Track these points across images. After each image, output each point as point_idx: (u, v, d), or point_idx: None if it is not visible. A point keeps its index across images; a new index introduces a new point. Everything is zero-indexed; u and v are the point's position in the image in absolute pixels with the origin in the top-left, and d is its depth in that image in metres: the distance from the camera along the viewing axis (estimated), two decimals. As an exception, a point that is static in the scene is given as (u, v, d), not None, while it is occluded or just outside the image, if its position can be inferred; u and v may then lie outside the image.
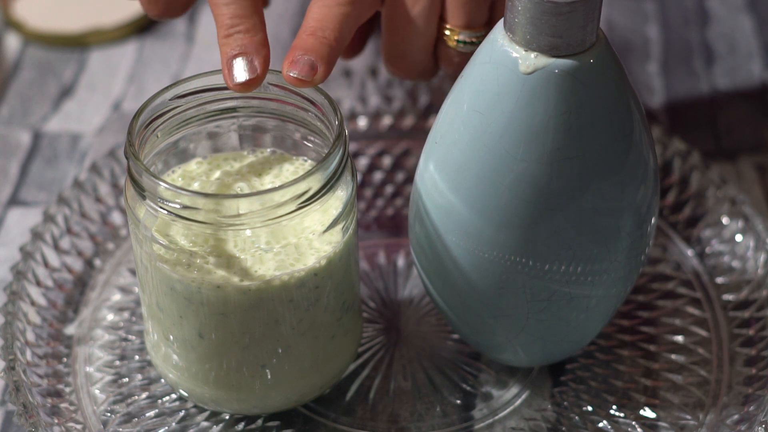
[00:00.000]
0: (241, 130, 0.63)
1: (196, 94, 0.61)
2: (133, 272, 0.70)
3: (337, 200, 0.58)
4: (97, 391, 0.65)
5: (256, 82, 0.58)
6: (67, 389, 0.64)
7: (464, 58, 0.64)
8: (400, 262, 0.72)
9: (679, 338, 0.67)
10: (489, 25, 0.64)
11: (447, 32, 0.64)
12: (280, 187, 0.55)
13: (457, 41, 0.64)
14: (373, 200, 0.76)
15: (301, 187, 0.56)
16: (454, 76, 0.65)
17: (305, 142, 0.62)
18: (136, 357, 0.66)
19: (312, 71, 0.59)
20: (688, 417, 0.63)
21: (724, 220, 0.72)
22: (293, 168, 0.62)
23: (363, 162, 0.77)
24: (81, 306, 0.69)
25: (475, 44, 0.63)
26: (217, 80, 0.61)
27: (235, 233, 0.57)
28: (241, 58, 0.58)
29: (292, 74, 0.59)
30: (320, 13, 0.60)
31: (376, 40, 0.82)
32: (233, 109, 0.62)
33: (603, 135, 0.55)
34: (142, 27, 0.89)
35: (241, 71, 0.58)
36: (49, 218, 0.71)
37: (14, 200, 0.76)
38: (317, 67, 0.59)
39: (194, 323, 0.59)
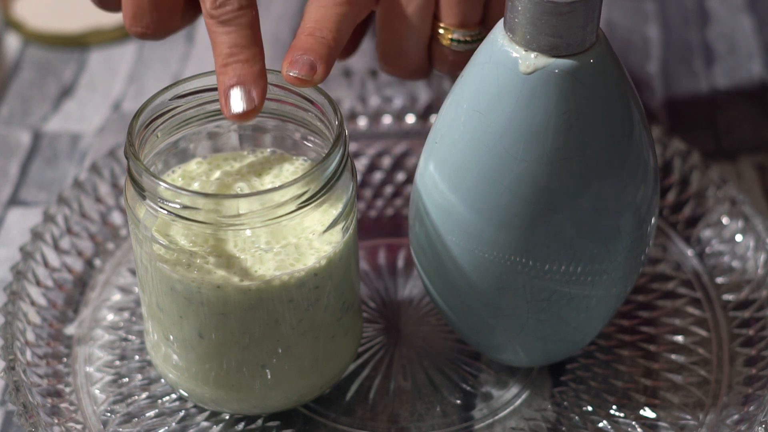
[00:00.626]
0: (241, 130, 0.63)
1: (196, 94, 0.61)
2: (133, 272, 0.70)
3: (337, 200, 0.58)
4: (97, 391, 0.65)
5: (253, 113, 0.57)
6: (67, 389, 0.64)
7: (458, 57, 0.64)
8: (400, 262, 0.72)
9: (679, 338, 0.67)
10: (483, 25, 0.64)
11: (441, 31, 0.64)
12: (280, 187, 0.55)
13: (451, 40, 0.64)
14: (373, 200, 0.76)
15: (301, 187, 0.56)
16: (452, 76, 0.65)
17: (305, 142, 0.62)
18: (136, 357, 0.66)
19: (311, 71, 0.59)
20: (688, 417, 0.63)
21: (724, 220, 0.72)
22: (293, 168, 0.62)
23: (363, 162, 0.77)
24: (81, 306, 0.69)
25: (470, 43, 0.63)
26: (217, 80, 0.61)
27: (235, 233, 0.57)
28: (238, 88, 0.57)
29: (291, 74, 0.59)
30: (318, 14, 0.60)
31: (374, 40, 0.81)
32: (233, 109, 0.61)
33: (603, 135, 0.55)
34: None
35: (238, 102, 0.57)
36: (49, 218, 0.71)
37: (14, 200, 0.76)
38: (316, 67, 0.59)
39: (194, 323, 0.59)
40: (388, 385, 0.65)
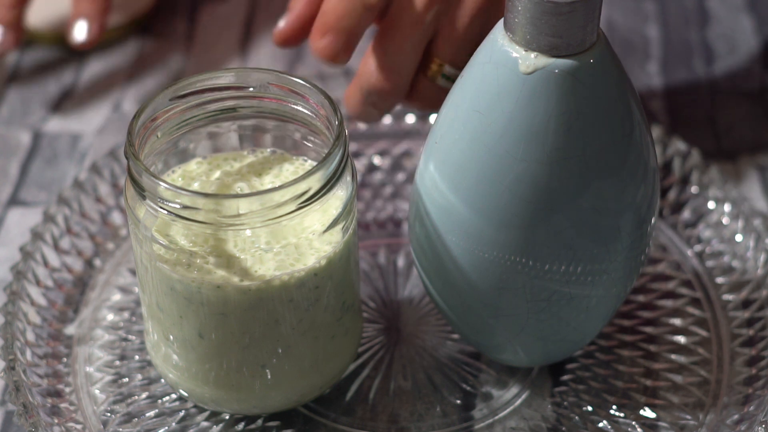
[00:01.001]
0: (241, 130, 0.63)
1: (196, 94, 0.60)
2: (133, 272, 0.70)
3: (337, 200, 0.58)
4: (97, 391, 0.65)
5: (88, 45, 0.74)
6: (67, 389, 0.64)
7: (438, 93, 0.65)
8: (400, 262, 0.72)
9: (680, 338, 0.67)
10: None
11: (433, 65, 0.65)
12: (280, 187, 0.55)
13: (442, 75, 0.65)
14: (373, 200, 0.76)
15: (301, 187, 0.56)
16: (423, 110, 0.67)
17: (305, 142, 0.62)
18: (136, 357, 0.66)
19: (344, 50, 0.62)
20: (688, 417, 0.63)
21: (724, 220, 0.72)
22: (293, 168, 0.62)
23: (363, 162, 0.77)
24: (81, 306, 0.69)
25: (453, 81, 0.64)
26: (217, 80, 0.61)
27: (235, 233, 0.57)
28: (82, 20, 0.72)
29: (323, 43, 0.62)
30: (341, 6, 0.63)
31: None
32: (233, 109, 0.62)
33: (603, 135, 0.55)
34: (142, 27, 0.89)
35: (81, 32, 0.72)
36: (49, 218, 0.71)
37: (14, 200, 0.76)
38: (346, 50, 0.62)
39: (194, 323, 0.59)
40: (388, 385, 0.65)
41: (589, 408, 0.64)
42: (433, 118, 0.79)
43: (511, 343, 0.62)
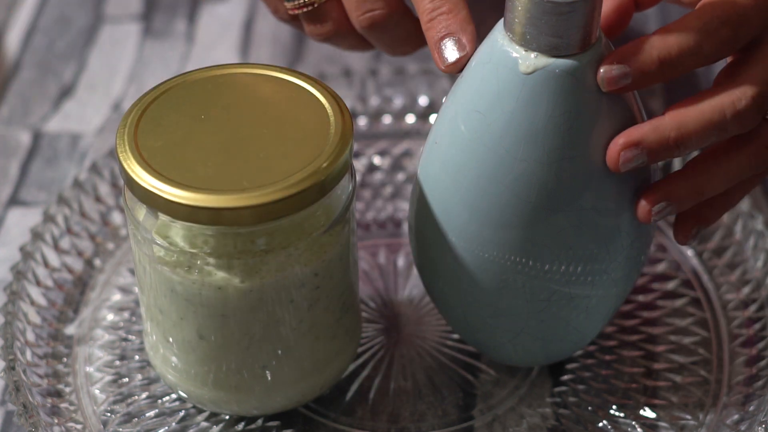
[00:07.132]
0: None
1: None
2: (133, 272, 0.70)
3: (336, 200, 0.58)
4: (97, 391, 0.65)
5: (465, 58, 0.58)
6: (67, 389, 0.64)
7: None
8: (400, 262, 0.72)
9: (680, 338, 0.67)
10: None
11: None
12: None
13: None
14: (373, 200, 0.76)
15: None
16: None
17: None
18: (136, 357, 0.66)
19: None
20: (688, 417, 0.63)
21: (725, 220, 0.72)
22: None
23: (363, 162, 0.77)
24: (81, 306, 0.69)
25: None
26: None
27: (236, 234, 0.57)
28: (448, 39, 0.58)
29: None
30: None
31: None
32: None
33: (603, 135, 0.55)
34: (142, 27, 0.89)
35: (451, 52, 0.58)
36: (49, 218, 0.71)
37: (14, 200, 0.76)
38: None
39: (194, 325, 0.59)
40: (388, 385, 0.65)
41: (589, 408, 0.64)
42: (433, 118, 0.79)
43: (511, 343, 0.62)
